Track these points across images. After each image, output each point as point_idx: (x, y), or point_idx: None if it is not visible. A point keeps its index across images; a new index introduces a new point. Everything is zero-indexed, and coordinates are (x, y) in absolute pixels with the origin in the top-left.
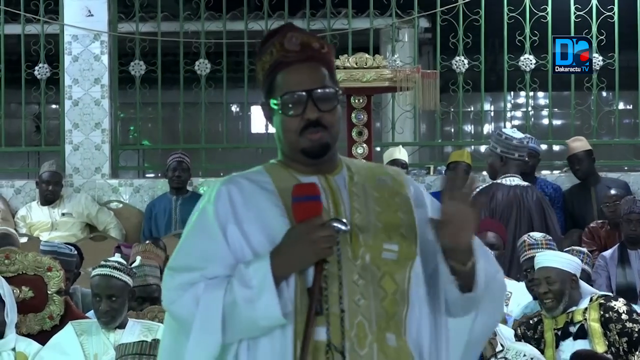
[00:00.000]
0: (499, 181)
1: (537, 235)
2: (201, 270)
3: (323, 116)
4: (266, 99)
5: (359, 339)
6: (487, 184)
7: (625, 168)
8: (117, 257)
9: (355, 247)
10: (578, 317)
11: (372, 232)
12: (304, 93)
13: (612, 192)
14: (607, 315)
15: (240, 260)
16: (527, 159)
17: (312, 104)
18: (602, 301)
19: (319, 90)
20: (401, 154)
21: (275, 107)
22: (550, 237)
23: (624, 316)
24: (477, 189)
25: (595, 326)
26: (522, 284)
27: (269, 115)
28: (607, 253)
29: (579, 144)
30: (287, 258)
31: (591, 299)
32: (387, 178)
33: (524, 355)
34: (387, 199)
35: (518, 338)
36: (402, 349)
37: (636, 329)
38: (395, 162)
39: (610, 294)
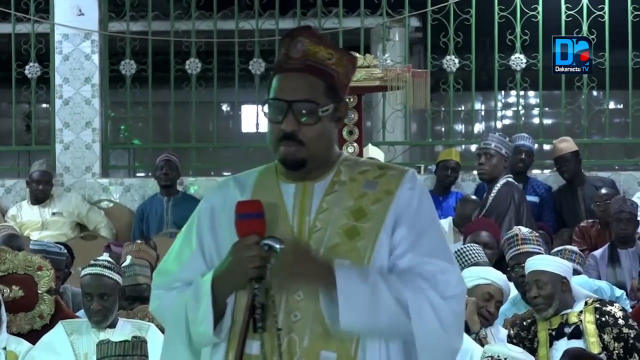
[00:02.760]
0: (510, 180)
1: (524, 230)
2: (174, 275)
3: (301, 130)
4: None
5: (289, 355)
6: (506, 185)
7: (616, 167)
8: (106, 256)
9: None
10: (573, 319)
11: (325, 249)
12: (284, 102)
13: (603, 191)
14: (603, 319)
15: (211, 268)
16: None
17: (292, 115)
18: (598, 305)
19: (301, 103)
20: (369, 152)
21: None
22: (537, 234)
23: (620, 321)
24: (505, 195)
25: (590, 327)
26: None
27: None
28: (597, 252)
29: (566, 145)
30: (223, 277)
31: (586, 303)
32: (376, 183)
33: (487, 357)
34: (363, 208)
35: (510, 338)
36: None
37: (632, 335)
38: None
39: (604, 298)
